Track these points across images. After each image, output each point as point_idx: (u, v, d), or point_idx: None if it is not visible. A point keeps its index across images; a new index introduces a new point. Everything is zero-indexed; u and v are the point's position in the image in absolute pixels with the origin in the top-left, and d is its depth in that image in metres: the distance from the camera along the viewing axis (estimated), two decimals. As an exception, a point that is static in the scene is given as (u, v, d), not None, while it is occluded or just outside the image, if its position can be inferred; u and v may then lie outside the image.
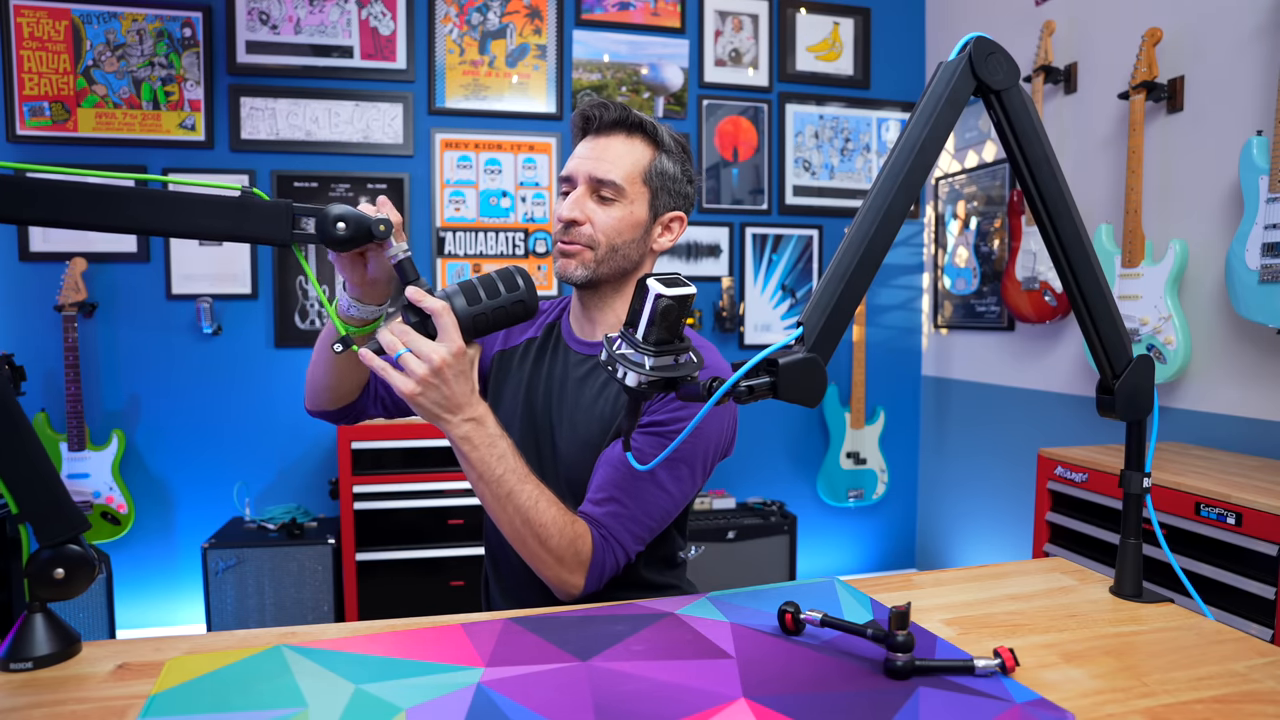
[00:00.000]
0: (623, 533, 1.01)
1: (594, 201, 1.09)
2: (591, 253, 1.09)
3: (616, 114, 1.10)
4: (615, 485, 1.01)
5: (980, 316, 2.99)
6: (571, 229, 1.08)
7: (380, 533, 2.53)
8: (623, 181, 1.08)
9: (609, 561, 0.99)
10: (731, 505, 3.01)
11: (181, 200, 0.80)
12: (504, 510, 0.94)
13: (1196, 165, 2.09)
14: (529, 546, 0.96)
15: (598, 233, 1.08)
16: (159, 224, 0.80)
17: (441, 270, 2.91)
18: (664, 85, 3.07)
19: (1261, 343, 1.93)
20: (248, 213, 0.82)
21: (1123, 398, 0.88)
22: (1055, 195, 0.83)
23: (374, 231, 0.89)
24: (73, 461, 2.56)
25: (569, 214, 1.08)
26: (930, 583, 0.98)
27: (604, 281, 1.11)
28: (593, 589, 1.00)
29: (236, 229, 0.82)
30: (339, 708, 0.65)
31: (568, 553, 0.96)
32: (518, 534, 0.95)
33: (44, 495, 0.75)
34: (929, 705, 0.66)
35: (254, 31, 2.75)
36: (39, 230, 2.60)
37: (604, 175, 1.08)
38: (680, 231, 1.17)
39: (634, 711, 0.64)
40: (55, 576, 0.74)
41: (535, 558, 0.97)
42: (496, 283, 0.93)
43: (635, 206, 1.10)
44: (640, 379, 0.79)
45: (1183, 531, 1.61)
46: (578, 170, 1.10)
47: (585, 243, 1.08)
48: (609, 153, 1.09)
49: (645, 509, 1.02)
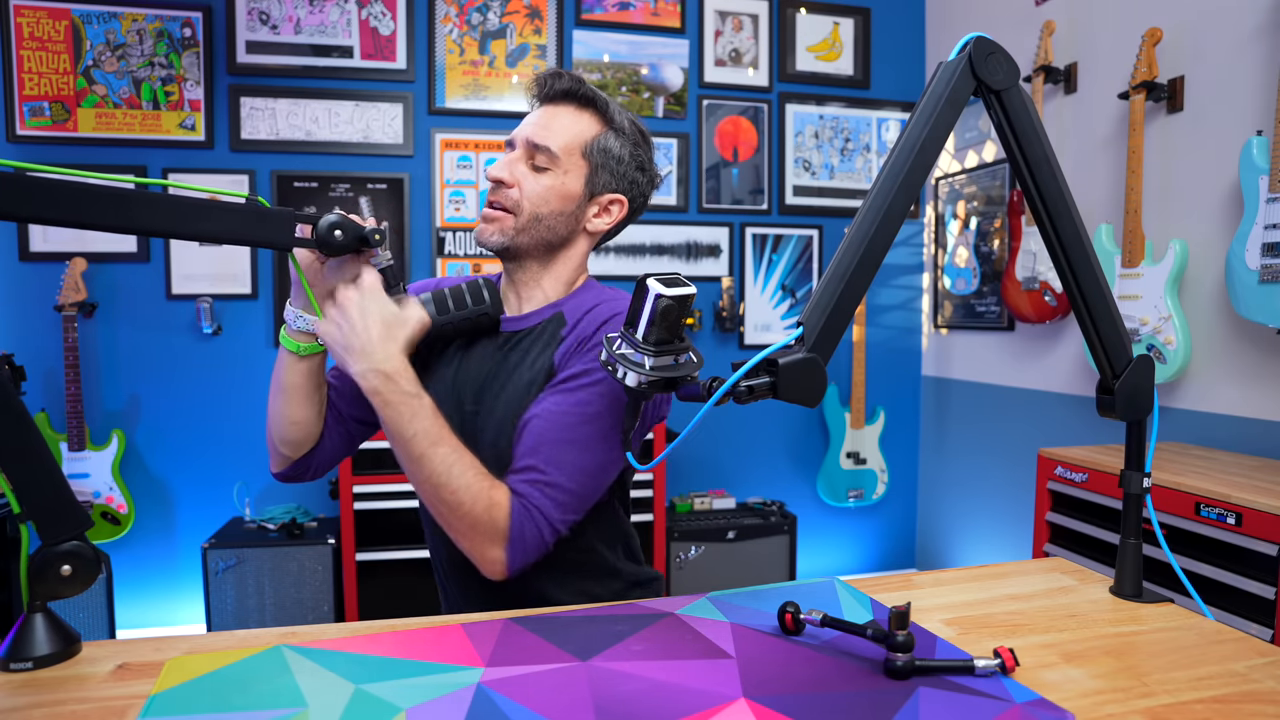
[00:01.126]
0: (543, 500, 0.93)
1: (526, 167, 1.06)
2: (512, 219, 1.05)
3: (567, 84, 1.07)
4: (532, 451, 0.95)
5: (980, 316, 2.99)
6: (499, 189, 1.06)
7: (380, 533, 2.54)
8: (559, 150, 1.05)
9: (529, 531, 0.92)
10: (731, 505, 3.01)
11: (191, 205, 0.83)
12: (418, 473, 0.91)
13: (1196, 165, 2.09)
14: (443, 514, 0.92)
15: (523, 198, 1.05)
16: (172, 227, 0.83)
17: (441, 270, 2.91)
18: (664, 85, 3.07)
19: (1261, 343, 1.93)
20: (252, 219, 0.87)
21: (1123, 398, 0.87)
22: (1055, 195, 0.83)
23: (369, 240, 0.94)
24: (73, 461, 2.56)
25: (497, 173, 1.05)
26: (930, 583, 0.98)
27: (524, 253, 1.08)
28: (518, 564, 0.93)
29: (241, 234, 0.87)
30: (339, 708, 0.65)
31: (483, 520, 0.91)
32: (431, 499, 0.92)
33: (48, 493, 0.75)
34: (929, 705, 0.66)
35: (254, 31, 2.75)
36: (39, 230, 2.60)
37: (540, 140, 1.04)
38: (619, 216, 1.11)
39: (634, 711, 0.64)
40: (62, 573, 0.74)
41: (450, 527, 0.92)
42: (465, 295, 1.04)
43: (569, 179, 1.06)
44: (640, 379, 0.79)
45: (1183, 531, 1.61)
46: (518, 134, 1.07)
47: (510, 207, 1.05)
48: (555, 122, 1.06)
49: (566, 472, 0.95)
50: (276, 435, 1.06)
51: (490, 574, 0.94)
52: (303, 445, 1.08)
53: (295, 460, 1.09)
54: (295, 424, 1.05)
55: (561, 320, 1.06)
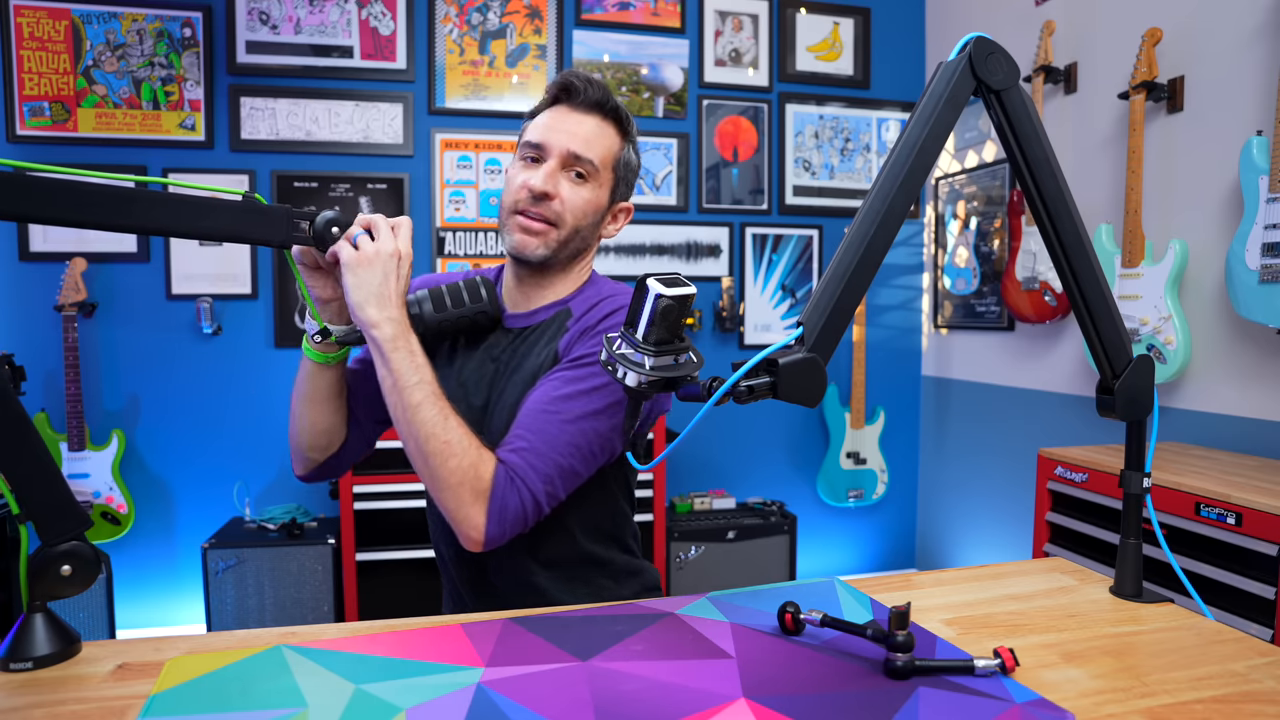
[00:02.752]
0: (528, 470, 0.93)
1: (566, 178, 1.04)
2: (556, 232, 1.04)
3: (600, 94, 1.06)
4: (522, 425, 0.96)
5: (980, 316, 2.99)
6: (541, 202, 1.03)
7: (380, 533, 2.53)
8: (599, 163, 1.05)
9: (511, 500, 0.92)
10: (731, 505, 3.01)
11: (189, 202, 0.83)
12: (413, 419, 0.91)
13: (1196, 165, 2.09)
14: (432, 466, 0.91)
15: (565, 211, 1.04)
16: (169, 225, 0.83)
17: (442, 270, 2.90)
18: (664, 85, 3.07)
19: (1261, 343, 1.93)
20: (250, 216, 0.87)
21: (1123, 398, 0.87)
22: (1055, 195, 0.83)
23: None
24: (73, 461, 2.56)
25: (544, 185, 1.02)
26: (930, 583, 0.98)
27: (556, 263, 1.07)
28: (495, 531, 0.92)
29: (239, 231, 0.87)
30: (339, 708, 0.65)
31: (468, 476, 0.90)
32: (421, 450, 0.91)
33: (47, 493, 0.75)
34: (929, 705, 0.66)
35: (254, 31, 2.75)
36: (39, 230, 2.60)
37: (583, 152, 1.03)
38: (625, 223, 1.15)
39: (634, 711, 0.64)
40: (62, 573, 0.74)
41: (435, 479, 0.91)
42: (462, 292, 1.03)
43: (601, 191, 1.07)
44: (640, 379, 0.79)
45: (1183, 531, 1.61)
46: (552, 141, 1.03)
47: (553, 219, 1.04)
48: (584, 129, 1.04)
49: (552, 444, 0.94)
50: (305, 442, 1.08)
51: (470, 541, 0.93)
52: (330, 447, 1.10)
53: (322, 463, 1.11)
54: (324, 430, 1.07)
55: (569, 313, 1.07)
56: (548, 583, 1.05)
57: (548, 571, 1.06)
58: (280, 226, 0.89)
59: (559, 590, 1.05)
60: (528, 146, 1.06)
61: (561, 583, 1.06)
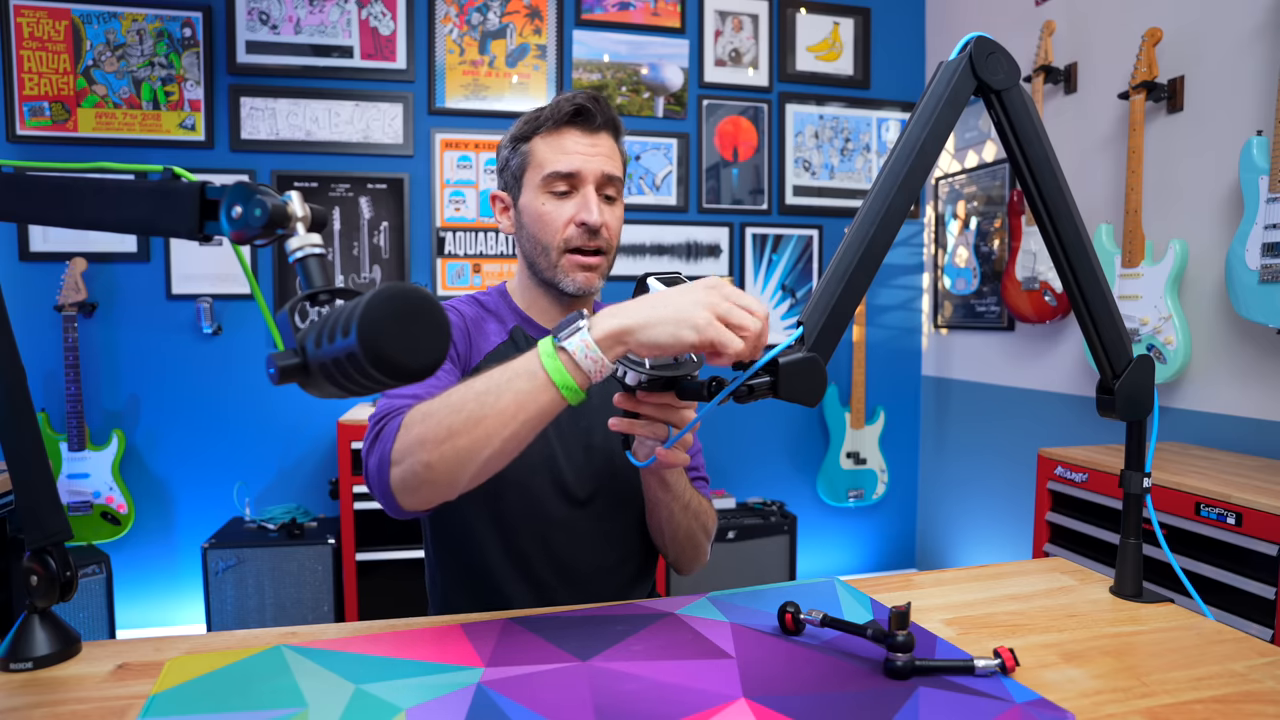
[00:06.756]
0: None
1: (601, 202, 1.03)
2: (607, 260, 1.04)
3: (610, 112, 1.06)
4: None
5: (980, 316, 2.99)
6: (596, 235, 1.00)
7: (380, 533, 2.53)
8: (622, 178, 1.06)
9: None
10: (731, 505, 3.01)
11: (77, 186, 0.64)
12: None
13: (1196, 165, 2.09)
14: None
15: (611, 236, 1.03)
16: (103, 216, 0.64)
17: (442, 270, 2.91)
18: (664, 85, 3.07)
19: (1261, 343, 1.93)
20: (161, 200, 0.62)
21: (1123, 398, 0.88)
22: (1055, 195, 0.83)
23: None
24: (73, 461, 2.56)
25: (600, 218, 0.99)
26: (930, 583, 0.98)
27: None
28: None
29: (149, 220, 0.64)
30: (339, 708, 0.65)
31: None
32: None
33: (37, 498, 0.75)
34: (929, 705, 0.66)
35: (254, 31, 2.75)
36: (39, 230, 2.60)
37: (614, 172, 1.03)
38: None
39: (634, 711, 0.64)
40: (31, 581, 0.74)
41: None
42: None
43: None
44: (640, 378, 0.79)
45: (1183, 531, 1.61)
46: (587, 169, 1.01)
47: (605, 249, 1.03)
48: (605, 149, 1.04)
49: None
50: (485, 472, 0.82)
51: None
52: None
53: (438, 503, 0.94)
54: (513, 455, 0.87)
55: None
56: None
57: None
58: (187, 212, 0.62)
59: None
60: (557, 178, 1.00)
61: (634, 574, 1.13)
